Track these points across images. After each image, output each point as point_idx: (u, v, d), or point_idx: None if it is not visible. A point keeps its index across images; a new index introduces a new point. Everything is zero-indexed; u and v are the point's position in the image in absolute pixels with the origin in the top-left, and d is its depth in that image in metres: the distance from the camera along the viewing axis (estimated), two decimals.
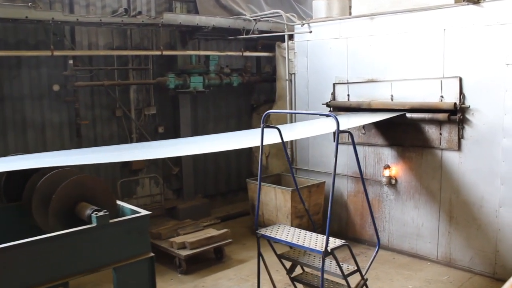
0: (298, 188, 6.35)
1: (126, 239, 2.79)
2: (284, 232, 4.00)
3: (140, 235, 2.87)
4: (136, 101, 7.48)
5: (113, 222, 2.76)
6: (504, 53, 5.26)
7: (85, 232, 2.68)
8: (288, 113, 3.96)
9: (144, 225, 2.96)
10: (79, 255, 2.67)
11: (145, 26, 6.96)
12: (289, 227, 4.21)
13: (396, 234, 6.37)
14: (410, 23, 5.96)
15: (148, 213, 2.99)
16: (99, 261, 2.74)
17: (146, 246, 2.98)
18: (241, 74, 8.02)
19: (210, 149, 4.49)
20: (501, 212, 5.45)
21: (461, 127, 5.66)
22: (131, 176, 7.41)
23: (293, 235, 3.92)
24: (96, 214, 2.69)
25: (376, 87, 6.34)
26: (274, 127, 4.11)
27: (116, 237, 2.76)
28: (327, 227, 3.52)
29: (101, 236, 2.71)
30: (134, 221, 2.87)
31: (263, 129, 3.93)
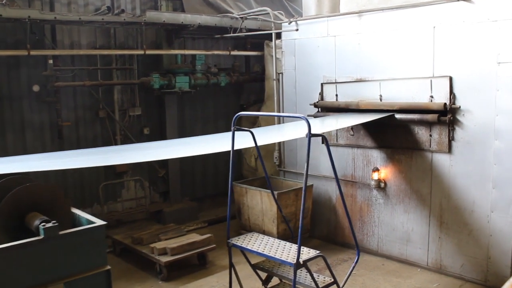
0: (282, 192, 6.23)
1: (79, 251, 2.61)
2: (257, 242, 3.80)
3: (95, 247, 2.68)
4: (121, 102, 7.30)
5: (64, 234, 2.58)
6: (495, 51, 5.04)
7: (32, 245, 2.50)
8: (259, 115, 3.76)
9: (99, 236, 2.78)
10: (26, 270, 2.49)
11: (128, 25, 6.78)
12: (263, 236, 4.01)
13: (385, 239, 6.16)
14: (399, 21, 5.74)
15: (104, 223, 2.81)
16: (49, 275, 2.56)
17: (102, 259, 2.80)
18: (229, 74, 7.83)
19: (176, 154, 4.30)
20: (493, 217, 5.23)
21: (452, 128, 5.44)
22: (115, 178, 7.24)
23: (265, 245, 3.72)
24: (44, 225, 2.51)
25: (365, 86, 6.13)
26: (247, 130, 3.91)
27: (67, 249, 2.58)
28: (299, 237, 3.32)
29: (50, 248, 2.53)
30: (87, 232, 2.69)
31: (233, 133, 3.73)
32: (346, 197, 6.52)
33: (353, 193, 6.43)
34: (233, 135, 3.74)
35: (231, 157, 3.89)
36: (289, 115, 3.54)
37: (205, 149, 4.23)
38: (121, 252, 6.41)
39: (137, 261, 6.13)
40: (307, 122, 3.25)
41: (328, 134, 6.59)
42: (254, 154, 8.05)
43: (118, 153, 5.24)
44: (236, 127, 3.74)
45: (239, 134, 4.09)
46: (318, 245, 6.72)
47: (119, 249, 6.42)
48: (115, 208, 7.34)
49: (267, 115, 3.67)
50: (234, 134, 3.74)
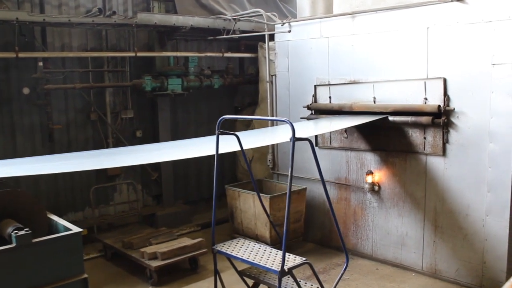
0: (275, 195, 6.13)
1: (54, 259, 2.53)
2: (243, 248, 3.71)
3: (71, 254, 2.60)
4: (113, 104, 7.22)
5: (37, 242, 2.50)
6: (490, 52, 4.95)
7: (3, 253, 2.42)
8: (243, 118, 3.68)
9: (76, 243, 2.70)
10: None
11: (119, 27, 6.72)
12: (249, 242, 3.92)
13: (380, 243, 6.07)
14: (392, 22, 5.66)
15: (80, 231, 2.73)
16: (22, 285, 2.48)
17: (79, 267, 2.72)
18: (222, 76, 7.75)
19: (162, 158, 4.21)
20: (488, 221, 5.14)
21: (446, 131, 5.35)
22: (107, 182, 7.16)
23: (251, 251, 3.63)
24: (16, 232, 2.43)
25: (358, 88, 6.04)
26: (232, 133, 3.83)
27: (42, 258, 2.50)
28: (283, 244, 3.22)
29: (23, 257, 2.46)
30: (63, 239, 2.61)
31: (218, 136, 3.65)
32: (340, 200, 6.44)
33: (347, 197, 6.34)
34: (217, 139, 3.66)
35: (215, 161, 3.80)
36: (272, 118, 3.44)
37: (190, 153, 4.14)
38: (112, 256, 6.32)
39: (128, 265, 6.05)
40: (291, 126, 3.17)
41: (321, 136, 6.52)
42: (248, 157, 7.96)
43: (110, 157, 5.17)
44: (220, 131, 3.66)
45: (226, 138, 4.01)
46: (312, 249, 6.63)
47: (110, 253, 6.34)
48: (107, 212, 7.25)
49: (250, 119, 3.60)
50: (218, 138, 3.65)
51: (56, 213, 6.74)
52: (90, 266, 6.29)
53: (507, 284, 2.25)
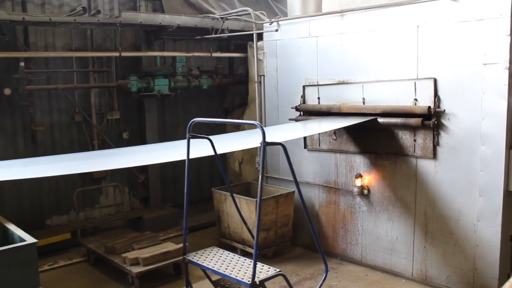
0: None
1: (6, 272, 2.38)
2: (215, 257, 3.56)
3: (25, 267, 2.45)
4: (98, 105, 7.07)
5: None
6: (481, 52, 4.78)
7: None
8: (215, 122, 3.53)
9: (30, 255, 2.54)
10: None
11: (104, 26, 6.56)
12: (223, 251, 3.76)
13: (369, 248, 5.90)
14: (382, 20, 5.49)
15: (34, 241, 2.57)
16: None
17: (33, 280, 2.56)
18: (211, 76, 7.59)
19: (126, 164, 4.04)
20: (479, 227, 4.96)
21: (436, 133, 5.18)
22: (92, 184, 7.01)
23: (224, 261, 3.47)
24: None
25: (348, 89, 5.87)
26: (205, 137, 3.66)
27: None
28: (254, 254, 3.06)
29: None
30: (15, 251, 2.46)
31: (189, 140, 3.49)
32: (329, 204, 6.27)
33: (336, 200, 6.17)
34: (188, 143, 3.50)
35: (186, 166, 3.64)
36: (243, 122, 3.29)
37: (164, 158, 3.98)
38: (95, 261, 6.17)
39: (111, 271, 5.89)
40: (261, 130, 3.01)
41: (310, 138, 6.35)
42: (237, 159, 7.81)
43: (94, 159, 5.00)
44: (191, 134, 3.50)
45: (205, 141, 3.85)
46: (301, 253, 6.46)
47: (93, 258, 6.19)
48: (93, 215, 7.11)
49: (221, 122, 3.45)
50: (189, 142, 3.49)
51: (40, 217, 6.72)
52: (73, 271, 6.16)
53: (507, 284, 2.13)
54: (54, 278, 5.83)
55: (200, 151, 4.21)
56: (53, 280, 5.79)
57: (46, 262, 6.18)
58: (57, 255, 6.45)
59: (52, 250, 6.45)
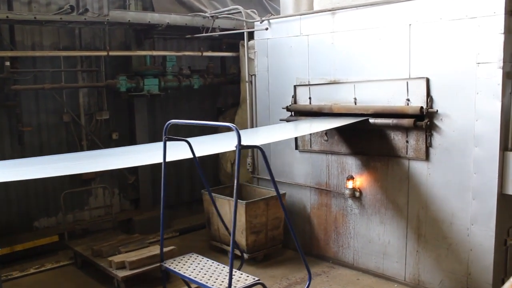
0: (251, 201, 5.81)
1: None
2: (193, 265, 3.44)
3: None
4: (87, 106, 6.96)
5: None
6: (475, 50, 4.64)
7: None
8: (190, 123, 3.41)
9: None
10: None
11: (92, 25, 6.45)
12: (202, 258, 3.64)
13: (361, 252, 5.77)
14: (373, 18, 5.35)
15: None
16: None
17: None
18: (203, 76, 7.46)
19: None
20: (473, 230, 4.83)
21: (429, 134, 5.05)
22: (82, 186, 6.89)
23: (201, 268, 3.36)
24: None
25: (339, 89, 5.74)
26: (182, 139, 3.54)
27: None
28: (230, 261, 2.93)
29: None
30: None
31: (165, 143, 3.37)
32: (321, 206, 6.14)
33: (327, 202, 6.04)
34: (164, 146, 3.38)
35: (163, 170, 3.53)
36: (216, 123, 3.17)
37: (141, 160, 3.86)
38: (83, 264, 6.06)
39: (97, 274, 5.78)
40: (237, 132, 2.88)
41: (301, 139, 6.22)
42: (230, 160, 7.69)
43: (83, 160, 4.87)
44: (167, 137, 3.37)
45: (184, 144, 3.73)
46: (292, 256, 6.33)
47: (80, 261, 6.08)
48: (82, 217, 7.00)
49: (196, 124, 3.34)
50: (165, 144, 3.37)
51: (27, 219, 6.61)
52: (60, 274, 6.04)
53: (507, 284, 2.06)
54: (40, 282, 5.72)
55: (185, 153, 4.09)
56: (38, 284, 5.68)
57: (33, 265, 6.07)
58: (45, 258, 6.35)
59: (40, 253, 6.35)
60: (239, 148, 2.94)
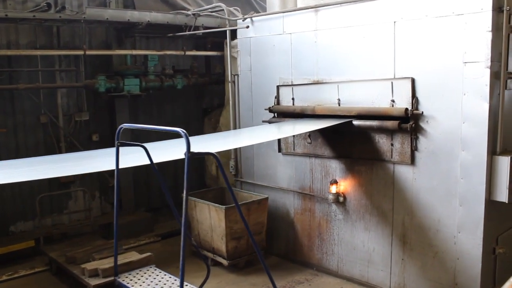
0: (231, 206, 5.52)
1: None
2: (149, 279, 3.23)
3: None
4: (67, 106, 6.76)
5: None
6: (461, 49, 4.41)
7: None
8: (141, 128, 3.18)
9: None
10: None
11: (69, 23, 6.24)
12: (160, 272, 3.42)
13: (346, 259, 5.54)
14: (357, 16, 5.12)
15: None
16: None
17: None
18: (186, 76, 7.24)
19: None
20: (460, 238, 4.59)
21: (414, 137, 4.81)
22: (60, 189, 6.69)
23: (156, 284, 3.14)
24: None
25: (323, 89, 5.51)
26: (138, 145, 3.33)
27: None
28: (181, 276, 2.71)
29: None
30: None
31: (118, 148, 3.15)
32: (304, 211, 5.91)
33: (311, 208, 5.81)
34: (117, 151, 3.16)
35: (115, 177, 3.31)
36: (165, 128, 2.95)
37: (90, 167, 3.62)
38: (57, 271, 5.85)
39: (72, 281, 5.57)
40: (186, 138, 2.66)
41: (284, 141, 5.99)
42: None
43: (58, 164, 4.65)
44: (120, 142, 3.16)
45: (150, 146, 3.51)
46: (276, 263, 6.11)
47: (55, 268, 5.87)
48: (61, 221, 6.79)
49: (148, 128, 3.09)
50: (118, 150, 3.15)
51: (3, 223, 6.40)
52: (34, 281, 5.82)
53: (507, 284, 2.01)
54: None
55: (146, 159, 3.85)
56: None
57: (6, 272, 5.86)
58: (20, 263, 6.13)
59: (14, 259, 6.14)
60: (188, 156, 2.71)
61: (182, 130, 2.77)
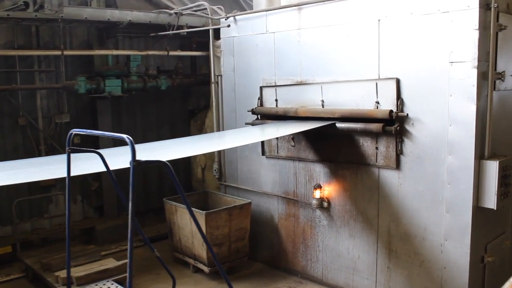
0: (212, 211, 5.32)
1: None
2: None
3: None
4: (46, 108, 6.57)
5: None
6: (448, 48, 4.20)
7: None
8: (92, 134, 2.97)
9: None
10: None
11: (48, 22, 6.06)
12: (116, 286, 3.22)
13: (330, 267, 5.33)
14: (341, 14, 4.92)
15: None
16: None
17: None
18: (170, 76, 7.04)
19: None
20: (447, 247, 4.38)
21: (400, 140, 4.61)
22: (40, 193, 6.50)
23: None
24: None
25: (306, 90, 5.32)
26: (92, 151, 3.13)
27: None
28: None
29: None
30: None
31: (69, 155, 2.96)
32: (288, 217, 5.71)
33: (295, 213, 5.61)
34: (68, 158, 2.97)
35: (67, 185, 3.12)
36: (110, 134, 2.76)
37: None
38: (34, 278, 5.68)
39: None
40: (131, 145, 2.47)
41: (268, 144, 5.79)
42: (200, 165, 7.28)
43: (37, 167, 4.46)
44: (71, 148, 2.97)
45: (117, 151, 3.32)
46: (259, 270, 5.91)
47: (31, 275, 5.69)
48: (41, 225, 6.61)
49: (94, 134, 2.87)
50: (69, 157, 2.96)
51: None
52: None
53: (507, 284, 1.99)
54: None
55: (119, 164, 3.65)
56: None
57: None
58: None
59: None
60: (133, 164, 2.52)
61: (127, 137, 2.57)
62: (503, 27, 4.18)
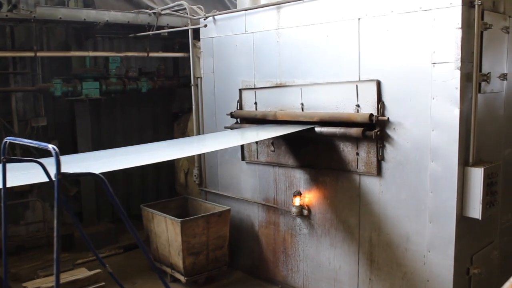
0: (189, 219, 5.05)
1: None
2: None
3: None
4: (22, 111, 6.39)
5: None
6: (430, 48, 3.97)
7: None
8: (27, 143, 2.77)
9: None
10: None
11: (21, 22, 5.87)
12: None
13: (311, 277, 5.10)
14: (320, 13, 4.69)
15: None
16: None
17: None
18: (152, 78, 6.83)
19: None
20: (430, 258, 4.14)
21: (381, 145, 4.37)
22: (15, 198, 6.31)
23: None
24: None
25: (286, 93, 5.09)
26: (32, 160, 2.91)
27: None
28: None
29: None
30: None
31: (4, 165, 2.74)
32: (269, 225, 5.48)
33: (275, 221, 5.38)
34: (3, 168, 2.75)
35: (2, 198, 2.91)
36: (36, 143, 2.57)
37: None
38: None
39: None
40: (55, 157, 2.26)
41: (248, 149, 5.56)
42: (183, 169, 7.06)
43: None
44: (6, 157, 2.75)
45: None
46: (239, 279, 5.69)
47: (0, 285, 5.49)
48: (17, 232, 6.42)
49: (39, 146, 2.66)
50: (5, 166, 2.74)
51: None
52: None
53: (507, 284, 1.94)
54: None
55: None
56: None
57: None
58: None
59: None
60: (58, 178, 2.30)
61: (53, 147, 2.37)
62: (488, 26, 3.94)
